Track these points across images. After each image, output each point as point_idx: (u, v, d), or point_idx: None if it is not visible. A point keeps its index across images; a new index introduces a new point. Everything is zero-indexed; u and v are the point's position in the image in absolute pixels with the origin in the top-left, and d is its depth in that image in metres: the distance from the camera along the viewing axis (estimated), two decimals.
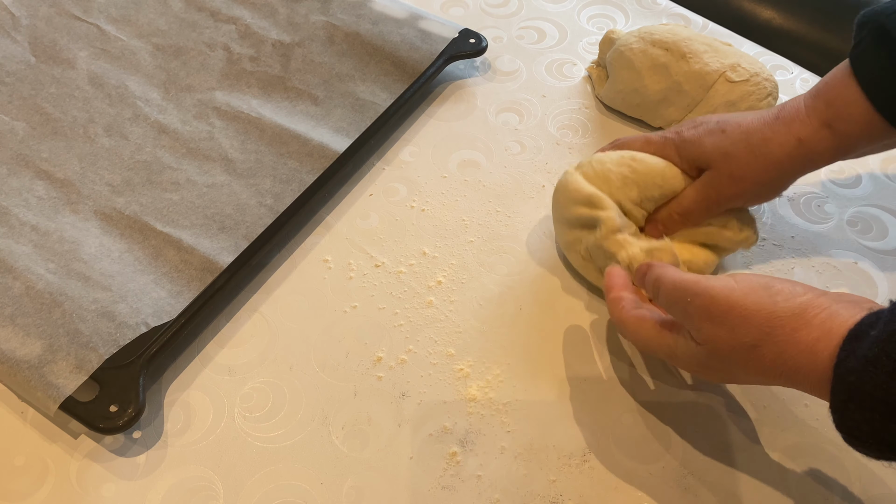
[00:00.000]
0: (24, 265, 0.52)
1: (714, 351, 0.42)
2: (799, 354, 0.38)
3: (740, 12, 0.83)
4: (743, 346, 0.40)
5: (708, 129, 0.53)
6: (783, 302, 0.40)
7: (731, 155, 0.51)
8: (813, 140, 0.50)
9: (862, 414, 0.35)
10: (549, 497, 0.48)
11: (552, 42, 0.75)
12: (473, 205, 0.62)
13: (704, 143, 0.53)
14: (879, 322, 0.36)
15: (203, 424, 0.49)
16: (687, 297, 0.42)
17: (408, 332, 0.54)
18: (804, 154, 0.50)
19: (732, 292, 0.41)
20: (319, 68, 0.67)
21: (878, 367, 0.34)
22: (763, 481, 0.49)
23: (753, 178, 0.51)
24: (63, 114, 0.62)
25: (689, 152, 0.54)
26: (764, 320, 0.40)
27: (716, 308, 0.41)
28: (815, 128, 0.50)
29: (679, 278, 0.44)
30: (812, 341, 0.38)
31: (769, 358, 0.40)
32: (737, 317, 0.40)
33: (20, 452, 0.48)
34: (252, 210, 0.57)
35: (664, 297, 0.45)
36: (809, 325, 0.38)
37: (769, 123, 0.51)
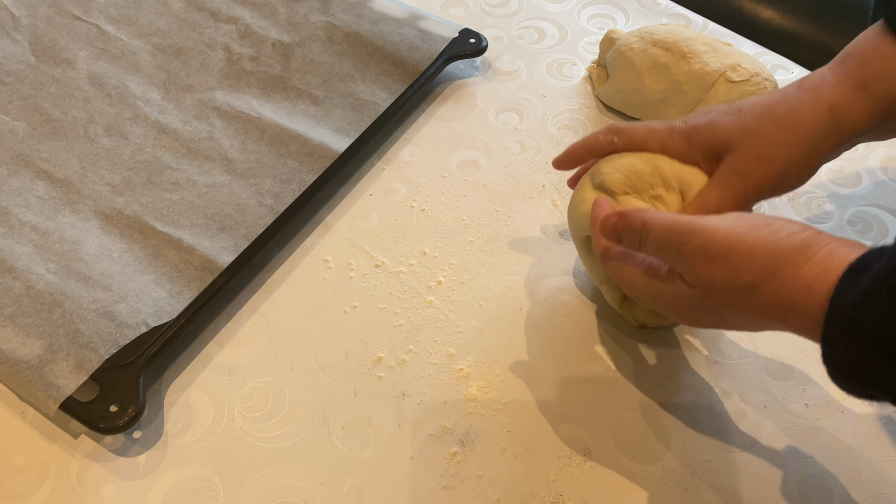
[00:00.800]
0: (25, 265, 0.52)
1: (708, 293, 0.39)
2: (797, 291, 0.36)
3: (740, 12, 0.83)
4: (742, 286, 0.38)
5: (721, 110, 0.47)
6: (786, 238, 0.37)
7: (754, 132, 0.45)
8: (846, 105, 0.44)
9: (854, 348, 0.34)
10: (549, 497, 0.48)
11: (552, 42, 0.75)
12: (473, 205, 0.62)
13: (720, 124, 0.46)
14: (884, 256, 0.34)
15: (203, 424, 0.49)
16: (682, 237, 0.39)
17: (408, 331, 0.54)
18: (838, 122, 0.44)
19: (733, 230, 0.38)
20: (319, 68, 0.67)
21: (877, 301, 0.33)
22: (763, 481, 0.49)
23: (784, 155, 0.45)
24: (63, 114, 0.62)
25: (702, 137, 0.47)
26: (767, 256, 0.37)
27: (716, 247, 0.38)
28: (848, 91, 0.44)
29: (672, 219, 0.41)
30: (812, 278, 0.36)
31: (767, 297, 0.37)
32: (738, 255, 0.38)
33: (20, 452, 0.48)
34: (252, 210, 0.57)
35: (654, 241, 0.41)
36: (810, 262, 0.36)
37: (792, 93, 0.45)
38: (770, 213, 0.62)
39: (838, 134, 0.45)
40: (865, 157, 0.67)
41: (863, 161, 0.67)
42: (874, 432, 0.51)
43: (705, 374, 0.53)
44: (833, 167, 0.66)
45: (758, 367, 0.54)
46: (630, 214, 0.43)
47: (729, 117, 0.46)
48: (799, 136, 0.45)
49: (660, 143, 0.49)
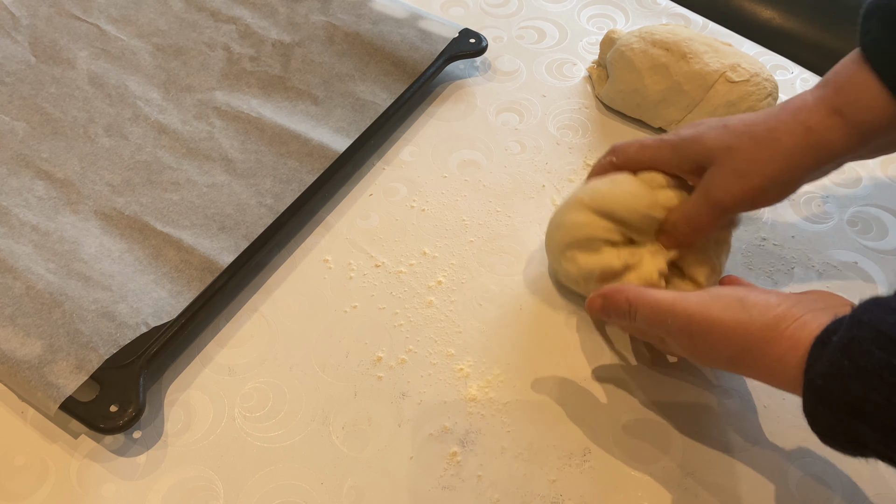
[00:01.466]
0: (25, 265, 0.52)
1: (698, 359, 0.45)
2: (771, 364, 0.40)
3: (740, 12, 0.83)
4: (722, 359, 0.42)
5: (708, 125, 0.50)
6: (758, 316, 0.41)
7: (735, 148, 0.47)
8: (822, 128, 0.46)
9: (832, 416, 0.36)
10: (549, 497, 0.48)
11: (552, 42, 0.75)
12: (473, 205, 0.62)
13: (705, 138, 0.49)
14: (841, 328, 0.37)
15: (203, 424, 0.50)
16: (667, 318, 0.43)
17: (408, 332, 0.54)
18: (814, 143, 0.46)
19: (709, 310, 0.42)
20: (319, 68, 0.67)
21: (841, 371, 0.35)
22: (763, 481, 0.49)
23: (760, 171, 0.47)
24: (63, 114, 0.62)
25: (688, 150, 0.50)
26: (740, 337, 0.41)
27: (695, 327, 0.42)
28: (824, 115, 0.46)
29: (654, 299, 0.44)
30: (783, 352, 0.39)
31: (746, 367, 0.42)
32: (715, 336, 0.42)
33: (20, 452, 0.48)
34: (252, 210, 0.57)
35: (643, 319, 0.45)
36: (781, 337, 0.39)
37: (774, 114, 0.48)
38: (770, 213, 0.63)
39: (816, 154, 0.47)
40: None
41: (863, 161, 0.67)
42: None
43: (705, 374, 0.53)
44: None
45: None
46: (614, 296, 0.47)
47: (714, 132, 0.49)
48: (776, 153, 0.47)
49: (650, 158, 0.52)
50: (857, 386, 0.35)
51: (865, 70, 0.45)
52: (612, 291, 0.47)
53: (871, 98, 0.45)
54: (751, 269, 0.59)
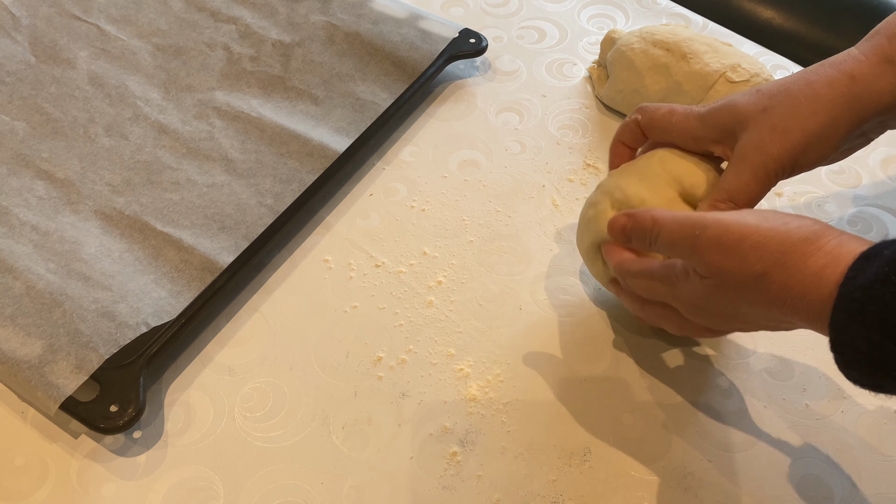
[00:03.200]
0: (25, 265, 0.52)
1: (721, 284, 0.40)
2: (806, 279, 0.36)
3: (740, 12, 0.83)
4: (752, 275, 0.38)
5: (740, 93, 0.47)
6: (796, 229, 0.38)
7: (770, 108, 0.44)
8: (871, 77, 0.43)
9: (863, 332, 0.33)
10: (549, 497, 0.48)
11: (552, 42, 0.75)
12: (473, 205, 0.62)
13: (738, 103, 0.45)
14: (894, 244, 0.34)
15: (203, 424, 0.50)
16: (696, 230, 0.40)
17: (408, 332, 0.54)
18: (858, 93, 0.43)
19: (745, 221, 0.39)
20: (319, 68, 0.67)
21: (886, 285, 0.33)
22: (763, 481, 0.49)
23: (801, 126, 0.44)
24: (63, 114, 0.62)
25: (718, 118, 0.46)
26: (777, 246, 0.37)
27: (728, 237, 0.39)
28: (874, 63, 0.43)
29: (683, 215, 0.41)
30: (820, 267, 0.36)
31: (776, 286, 0.38)
32: (749, 245, 0.38)
33: (20, 452, 0.48)
34: (252, 210, 0.57)
35: (666, 237, 0.42)
36: (820, 251, 0.36)
37: (813, 69, 0.45)
38: None
39: (860, 105, 0.44)
40: (865, 157, 0.67)
41: (863, 161, 0.67)
42: (874, 433, 0.51)
43: (705, 373, 0.53)
44: (833, 167, 0.66)
45: (758, 367, 0.54)
46: (639, 213, 0.44)
47: (747, 97, 0.46)
48: (817, 106, 0.44)
49: (675, 125, 0.49)
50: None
51: None
52: (637, 210, 0.44)
53: None
54: None
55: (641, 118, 0.51)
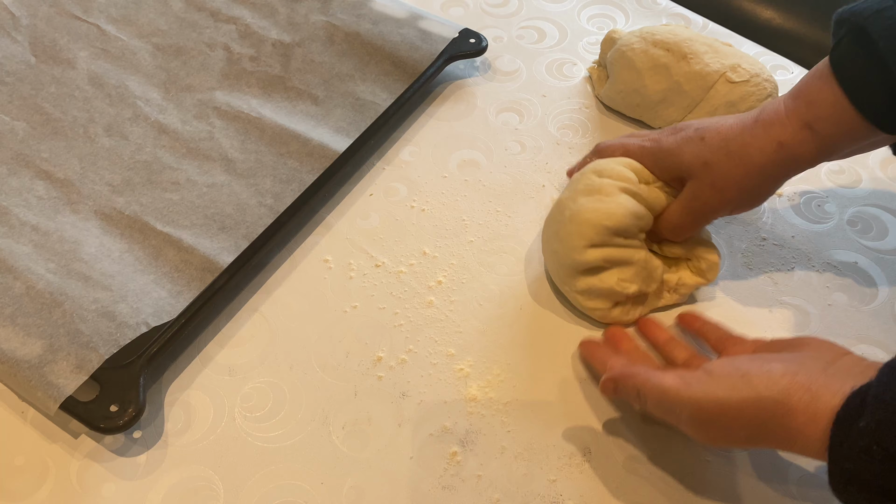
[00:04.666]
0: (25, 265, 0.52)
1: (715, 443, 0.44)
2: (791, 439, 0.40)
3: (740, 12, 0.83)
4: (740, 439, 0.42)
5: (686, 136, 0.52)
6: (765, 391, 0.40)
7: (712, 164, 0.50)
8: (794, 143, 0.49)
9: (862, 495, 0.37)
10: (549, 497, 0.48)
11: (552, 42, 0.75)
12: (473, 205, 0.62)
13: (683, 152, 0.52)
14: (866, 409, 0.36)
15: (203, 424, 0.50)
16: (675, 407, 0.43)
17: (408, 331, 0.54)
18: (785, 158, 0.49)
19: (714, 393, 0.42)
20: (319, 68, 0.67)
21: (871, 456, 0.35)
22: (763, 481, 0.49)
23: (736, 185, 0.50)
24: (63, 114, 0.62)
25: (667, 163, 0.53)
26: (752, 416, 0.41)
27: (704, 414, 0.42)
28: (796, 130, 0.49)
29: (661, 387, 0.44)
30: (800, 426, 0.39)
31: (765, 443, 0.41)
32: (727, 417, 0.41)
33: (20, 452, 0.48)
34: (252, 210, 0.57)
35: (652, 406, 0.45)
36: (794, 411, 0.39)
37: (748, 128, 0.50)
38: (770, 213, 0.63)
39: (786, 167, 0.50)
40: (865, 156, 0.67)
41: (863, 161, 0.67)
42: None
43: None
44: (833, 167, 0.66)
45: None
46: (624, 382, 0.46)
47: (692, 147, 0.52)
48: (750, 168, 0.50)
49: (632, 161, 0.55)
50: (890, 470, 0.35)
51: (834, 85, 0.47)
52: (622, 377, 0.46)
53: (839, 114, 0.47)
54: (751, 269, 0.59)
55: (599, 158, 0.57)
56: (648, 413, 0.47)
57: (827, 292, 0.58)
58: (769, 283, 0.59)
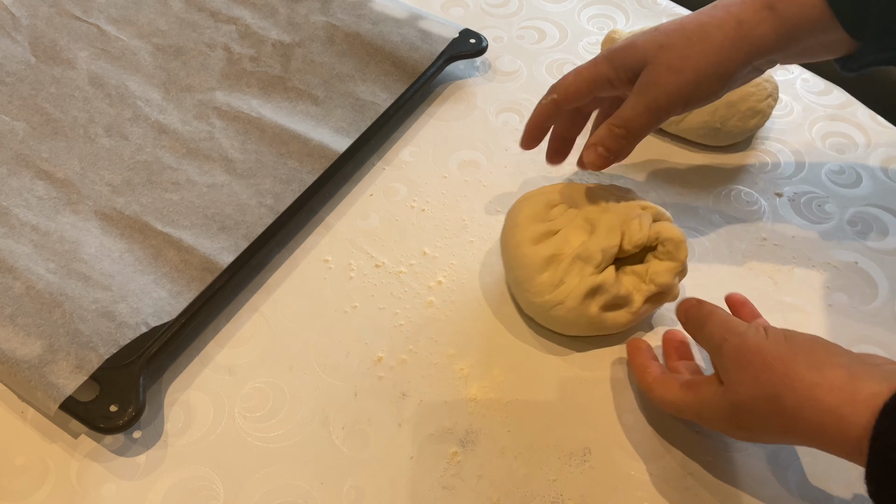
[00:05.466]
0: (25, 265, 0.52)
1: (738, 401, 0.42)
2: (822, 414, 0.38)
3: None
4: (764, 395, 0.40)
5: (640, 33, 0.50)
6: (802, 354, 0.40)
7: (667, 46, 0.48)
8: (753, 21, 0.47)
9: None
10: (549, 497, 0.48)
11: (552, 42, 0.75)
12: (473, 205, 0.62)
13: (637, 42, 0.49)
14: None
15: (203, 424, 0.49)
16: (725, 334, 0.43)
17: (408, 332, 0.54)
18: (744, 36, 0.47)
19: (762, 339, 0.42)
20: (319, 68, 0.67)
21: None
22: (763, 481, 0.49)
23: (693, 66, 0.48)
24: (63, 114, 0.62)
25: (622, 58, 0.49)
26: (783, 369, 0.40)
27: (745, 349, 0.42)
28: (756, 9, 0.47)
29: (726, 317, 0.45)
30: (837, 404, 0.38)
31: (790, 411, 0.39)
32: (760, 363, 0.41)
33: (20, 452, 0.48)
34: (252, 210, 0.57)
35: (707, 331, 0.45)
36: (831, 386, 0.38)
37: (706, 11, 0.48)
38: (770, 213, 0.63)
39: (745, 48, 0.47)
40: (865, 157, 0.67)
41: (863, 161, 0.67)
42: None
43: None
44: (833, 167, 0.66)
45: None
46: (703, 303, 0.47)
47: (646, 36, 0.49)
48: (707, 47, 0.47)
49: (588, 79, 0.51)
50: None
51: None
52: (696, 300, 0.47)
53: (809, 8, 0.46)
54: (751, 269, 0.59)
55: (557, 96, 0.53)
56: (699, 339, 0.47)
57: (827, 292, 0.58)
58: (769, 283, 0.59)
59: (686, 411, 0.46)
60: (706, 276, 0.59)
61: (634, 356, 0.51)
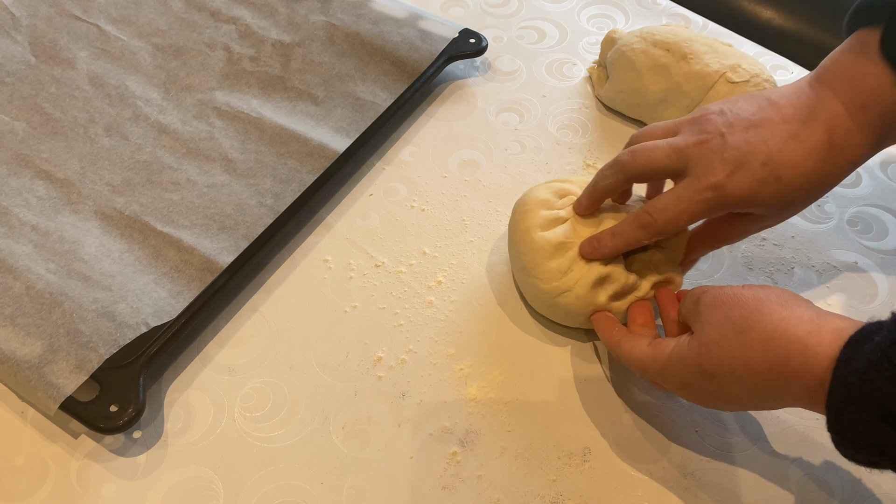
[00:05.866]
0: (25, 265, 0.52)
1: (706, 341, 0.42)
2: (789, 344, 0.39)
3: (740, 12, 0.83)
4: (734, 330, 0.41)
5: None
6: (774, 296, 0.42)
7: (793, 203, 0.47)
8: (866, 158, 0.47)
9: (859, 416, 0.35)
10: (549, 497, 0.48)
11: (552, 42, 0.75)
12: (473, 205, 0.62)
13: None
14: (883, 328, 0.36)
15: (203, 424, 0.50)
16: (705, 289, 0.45)
17: (408, 332, 0.54)
18: (852, 171, 0.47)
19: (738, 288, 0.44)
20: (319, 68, 0.67)
21: (880, 371, 0.35)
22: (763, 481, 0.49)
23: (803, 208, 0.48)
24: (63, 114, 0.62)
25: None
26: (755, 305, 0.41)
27: (721, 294, 0.43)
28: (872, 148, 0.46)
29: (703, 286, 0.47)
30: (803, 335, 0.39)
31: (757, 342, 0.40)
32: (733, 301, 0.42)
33: (20, 452, 0.48)
34: (252, 210, 0.57)
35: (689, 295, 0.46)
36: (798, 319, 0.40)
37: (824, 157, 0.45)
38: None
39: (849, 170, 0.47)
40: None
41: None
42: None
43: None
44: None
45: None
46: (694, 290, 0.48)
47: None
48: (824, 194, 0.48)
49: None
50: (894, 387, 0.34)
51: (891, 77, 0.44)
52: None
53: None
54: (751, 269, 0.59)
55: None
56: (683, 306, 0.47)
57: (827, 292, 0.58)
58: (769, 283, 0.59)
59: (650, 369, 0.46)
60: (706, 276, 0.59)
61: (600, 322, 0.51)
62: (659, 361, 0.45)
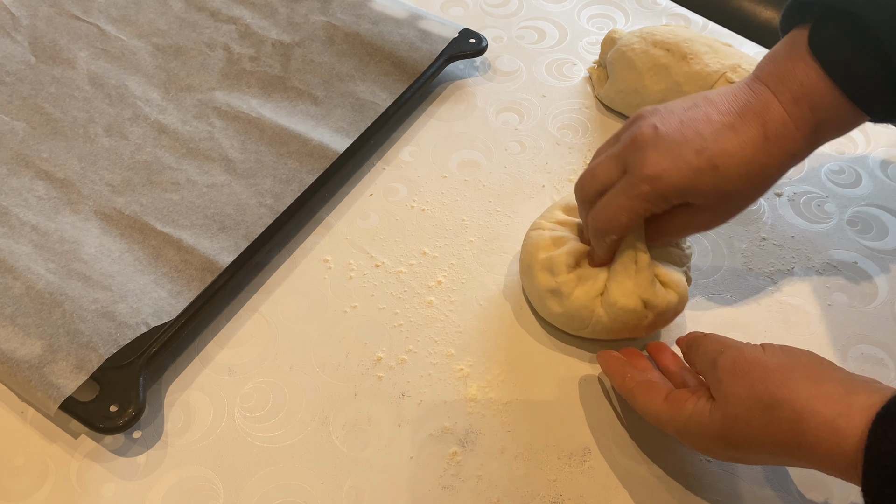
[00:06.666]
0: (25, 265, 0.52)
1: (731, 414, 0.41)
2: (819, 426, 0.38)
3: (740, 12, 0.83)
4: (760, 406, 0.40)
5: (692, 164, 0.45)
6: (801, 366, 0.40)
7: (731, 194, 0.46)
8: (804, 152, 0.47)
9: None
10: (549, 497, 0.48)
11: (552, 42, 0.75)
12: (473, 205, 0.62)
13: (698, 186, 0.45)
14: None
15: (203, 424, 0.50)
16: (721, 348, 0.43)
17: (408, 332, 0.54)
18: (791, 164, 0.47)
19: (759, 352, 0.42)
20: (319, 68, 0.67)
21: None
22: (763, 481, 0.49)
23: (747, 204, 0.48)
24: (63, 114, 0.62)
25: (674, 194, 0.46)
26: (781, 379, 0.40)
27: (742, 361, 0.42)
28: (807, 139, 0.46)
29: (723, 337, 0.46)
30: (833, 416, 0.38)
31: (786, 423, 0.39)
32: (758, 372, 0.41)
33: (20, 452, 0.48)
34: (252, 210, 0.57)
35: (703, 348, 0.45)
36: (828, 398, 0.38)
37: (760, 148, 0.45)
38: (770, 213, 0.63)
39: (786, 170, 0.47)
40: (865, 157, 0.67)
41: (863, 161, 0.67)
42: None
43: None
44: (833, 167, 0.66)
45: None
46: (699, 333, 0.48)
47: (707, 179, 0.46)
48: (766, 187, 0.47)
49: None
50: None
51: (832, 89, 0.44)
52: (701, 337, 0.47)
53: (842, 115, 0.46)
54: (751, 269, 0.59)
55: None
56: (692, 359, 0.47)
57: (827, 292, 0.58)
58: (769, 283, 0.59)
59: (669, 425, 0.45)
60: (706, 276, 0.59)
61: (608, 365, 0.50)
62: (677, 422, 0.44)
